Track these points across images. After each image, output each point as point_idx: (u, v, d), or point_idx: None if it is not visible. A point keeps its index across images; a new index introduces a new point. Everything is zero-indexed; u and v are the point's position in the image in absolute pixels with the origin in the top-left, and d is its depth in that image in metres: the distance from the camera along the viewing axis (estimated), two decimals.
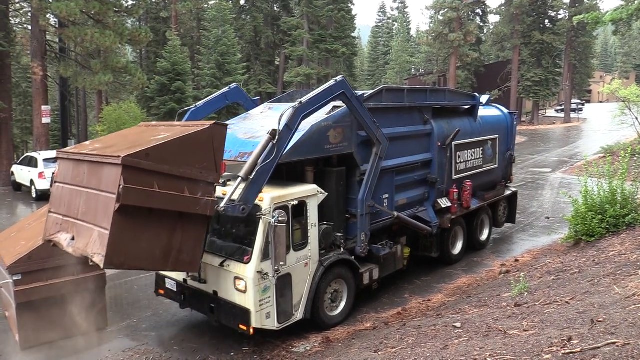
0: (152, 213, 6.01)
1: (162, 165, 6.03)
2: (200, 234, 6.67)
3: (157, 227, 6.14)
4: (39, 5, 21.60)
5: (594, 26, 24.15)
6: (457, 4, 46.37)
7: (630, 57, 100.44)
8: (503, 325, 5.69)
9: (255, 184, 6.93)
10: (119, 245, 5.78)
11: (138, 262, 6.11)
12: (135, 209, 5.82)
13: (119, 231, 5.76)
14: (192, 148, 6.41)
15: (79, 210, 6.43)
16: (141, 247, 6.02)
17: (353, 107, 8.31)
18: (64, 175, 7.01)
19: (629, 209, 10.24)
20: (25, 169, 20.26)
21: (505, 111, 13.97)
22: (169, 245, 6.28)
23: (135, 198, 5.78)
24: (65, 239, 6.53)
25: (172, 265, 6.45)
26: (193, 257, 6.64)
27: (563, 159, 28.23)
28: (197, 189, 6.36)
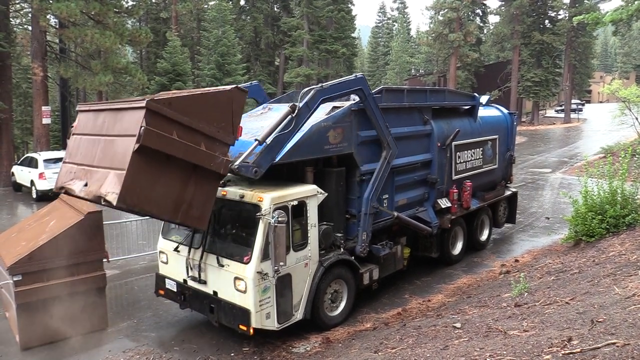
0: (168, 161, 6.12)
1: (183, 116, 6.18)
2: (211, 192, 6.77)
3: (172, 175, 6.24)
4: (39, 6, 21.61)
5: (593, 26, 24.16)
6: (457, 4, 46.38)
7: (630, 58, 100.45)
8: (503, 326, 5.70)
9: (270, 151, 7.15)
10: (133, 185, 5.85)
11: (150, 206, 6.14)
12: (153, 153, 5.93)
13: (135, 172, 5.84)
14: (212, 106, 6.60)
15: (95, 157, 6.48)
16: (154, 192, 6.09)
17: (368, 105, 8.51)
18: (83, 126, 7.09)
19: (629, 209, 10.24)
20: (26, 169, 20.26)
21: (505, 111, 13.98)
22: (181, 196, 6.36)
23: (155, 141, 5.89)
24: (78, 186, 6.56)
25: (181, 216, 6.47)
26: (203, 212, 6.69)
27: (563, 159, 28.23)
28: (213, 146, 6.51)
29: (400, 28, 76.54)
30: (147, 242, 12.08)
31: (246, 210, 7.53)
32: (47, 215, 9.02)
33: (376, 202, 8.80)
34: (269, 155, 7.19)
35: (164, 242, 8.59)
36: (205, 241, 7.80)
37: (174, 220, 6.65)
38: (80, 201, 9.02)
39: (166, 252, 8.49)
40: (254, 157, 7.04)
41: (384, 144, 8.95)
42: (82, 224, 8.01)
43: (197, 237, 7.98)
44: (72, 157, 7.06)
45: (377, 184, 8.80)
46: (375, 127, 8.76)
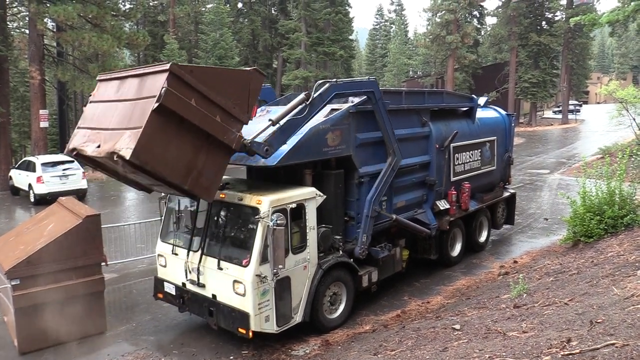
0: (184, 126, 6.23)
1: (202, 86, 6.33)
2: (221, 164, 6.85)
3: (186, 141, 6.33)
4: (36, 10, 21.61)
5: (590, 28, 24.19)
6: (454, 6, 46.48)
7: (627, 58, 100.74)
8: (502, 327, 5.70)
9: (282, 133, 7.29)
10: (149, 143, 5.94)
11: (162, 166, 6.19)
12: (170, 115, 6.05)
13: (152, 130, 5.94)
14: (230, 82, 6.77)
15: (112, 121, 6.56)
16: (168, 153, 6.18)
17: (378, 109, 8.67)
18: (101, 94, 7.23)
19: (627, 209, 10.26)
20: (24, 173, 20.23)
21: (503, 113, 13.99)
22: (193, 162, 6.45)
23: (174, 103, 6.02)
24: (91, 147, 6.62)
25: (190, 183, 6.49)
26: (211, 183, 6.77)
27: (561, 160, 28.27)
28: (228, 121, 6.64)
29: (398, 30, 76.66)
30: (146, 246, 12.06)
31: (245, 213, 7.54)
32: (45, 218, 9.00)
33: (378, 206, 8.83)
34: (281, 137, 7.33)
35: (163, 245, 8.58)
36: (204, 244, 7.79)
37: (182, 186, 6.52)
38: (78, 205, 9.05)
39: (165, 256, 8.48)
40: (267, 136, 7.16)
41: (389, 149, 9.06)
42: (81, 227, 7.99)
43: (195, 240, 7.98)
44: (87, 123, 7.14)
45: (381, 188, 8.87)
46: (382, 132, 8.91)
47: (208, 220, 7.88)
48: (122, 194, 23.45)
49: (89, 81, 23.64)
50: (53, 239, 7.80)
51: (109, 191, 23.63)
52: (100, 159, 6.68)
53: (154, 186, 7.29)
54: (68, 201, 9.41)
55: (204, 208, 8.02)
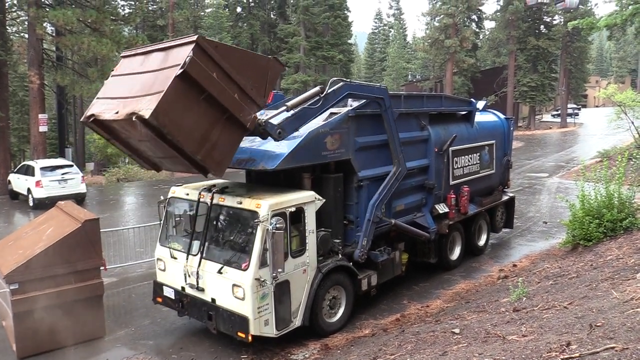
0: (204, 98, 6.41)
1: (225, 62, 6.52)
2: (234, 142, 6.98)
3: (204, 112, 6.48)
4: (35, 14, 21.64)
5: (588, 31, 24.32)
6: (452, 10, 46.60)
7: (625, 62, 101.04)
8: (502, 331, 5.69)
9: (295, 119, 7.49)
10: (169, 107, 6.08)
11: (178, 132, 6.26)
12: (192, 84, 6.23)
13: (173, 95, 6.09)
14: (251, 65, 6.97)
15: (133, 90, 6.67)
16: (185, 120, 6.32)
17: (386, 117, 8.88)
18: (124, 68, 7.39)
19: (626, 213, 10.26)
20: (22, 177, 20.21)
21: (502, 116, 14.02)
22: (208, 134, 6.58)
23: (197, 72, 6.20)
24: (109, 113, 6.70)
25: (203, 154, 6.58)
26: (223, 159, 6.87)
27: (560, 164, 28.31)
28: (245, 101, 6.82)
29: (397, 34, 76.90)
30: (145, 250, 12.04)
31: (244, 217, 7.54)
32: (44, 223, 8.98)
33: (379, 212, 8.87)
34: (293, 123, 7.49)
35: (162, 249, 8.57)
36: (203, 248, 7.78)
37: (195, 156, 6.54)
38: (77, 209, 9.05)
39: (164, 260, 8.46)
40: (281, 120, 7.31)
41: (395, 159, 9.18)
42: (79, 231, 7.98)
43: (194, 244, 7.97)
44: (107, 93, 7.24)
45: (384, 195, 8.96)
46: (389, 141, 9.08)
47: (207, 224, 7.87)
48: (121, 198, 23.47)
49: (88, 85, 23.68)
50: (52, 243, 7.79)
51: (108, 195, 23.63)
52: (117, 124, 6.71)
53: (165, 160, 7.24)
54: (67, 205, 9.40)
55: (203, 212, 8.02)
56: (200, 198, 8.02)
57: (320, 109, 7.88)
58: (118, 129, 6.95)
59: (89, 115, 7.02)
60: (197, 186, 8.48)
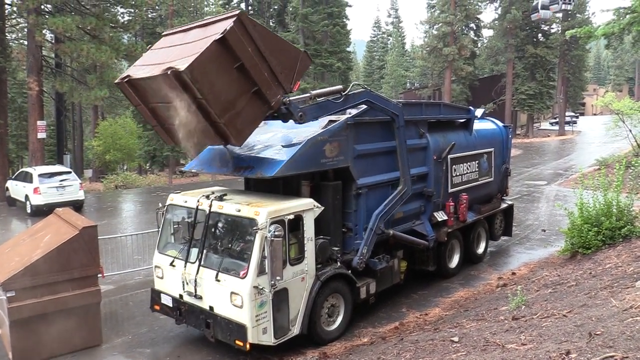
0: (237, 69, 6.78)
1: (261, 42, 6.91)
2: (257, 116, 7.29)
3: (234, 81, 6.83)
4: (35, 21, 21.70)
5: (586, 40, 24.37)
6: (451, 18, 46.85)
7: (622, 70, 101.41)
8: (501, 339, 5.67)
9: (318, 107, 7.88)
10: (204, 66, 6.43)
11: (208, 91, 6.55)
12: (228, 52, 6.63)
13: (209, 56, 6.47)
14: (284, 51, 7.35)
15: (171, 56, 7.00)
16: (217, 82, 6.67)
17: (399, 135, 9.22)
18: (163, 43, 7.83)
19: (624, 221, 10.26)
20: (20, 184, 20.18)
21: (500, 124, 14.05)
22: (234, 102, 6.87)
23: (235, 41, 6.62)
24: (144, 71, 7.08)
25: (227, 119, 6.84)
26: (244, 129, 7.13)
27: (558, 172, 28.34)
28: (273, 82, 7.16)
29: (395, 42, 77.21)
30: (143, 257, 12.01)
31: (243, 225, 7.52)
32: (42, 230, 8.96)
33: (382, 224, 8.95)
34: (315, 111, 7.84)
35: (160, 256, 8.54)
36: (201, 256, 7.76)
37: (219, 119, 6.77)
38: (75, 216, 9.03)
39: (162, 267, 8.44)
40: (304, 105, 7.62)
41: (401, 178, 9.37)
42: (77, 239, 7.96)
43: (193, 252, 7.94)
44: (144, 62, 7.59)
45: (388, 209, 9.09)
46: (399, 158, 9.33)
47: (205, 232, 7.85)
48: (119, 205, 23.43)
49: (87, 92, 23.73)
50: (49, 250, 7.76)
51: (106, 202, 23.60)
52: (151, 83, 6.97)
53: (188, 128, 7.23)
54: (65, 212, 9.38)
55: (201, 219, 8.01)
56: (199, 205, 8.01)
57: (341, 105, 8.20)
58: (149, 92, 7.24)
59: (124, 76, 7.38)
60: (196, 193, 8.48)
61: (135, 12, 32.60)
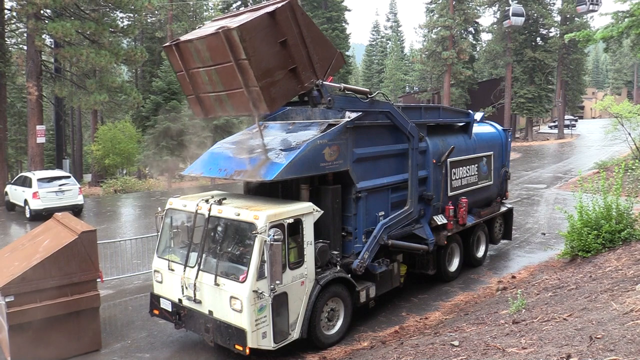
0: (280, 43, 7.32)
1: (305, 29, 7.57)
2: (289, 92, 7.70)
3: (276, 53, 7.32)
4: (34, 26, 21.74)
5: (585, 44, 24.40)
6: (449, 22, 46.96)
7: (621, 74, 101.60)
8: (501, 343, 5.65)
9: (346, 101, 8.40)
10: (253, 29, 7.03)
11: (252, 51, 7.03)
12: (275, 26, 7.24)
13: (258, 24, 7.11)
14: (323, 45, 7.96)
15: (221, 23, 7.54)
16: (261, 48, 7.15)
17: (412, 156, 9.58)
18: (211, 24, 8.39)
19: (624, 224, 10.26)
20: (20, 188, 20.16)
21: (500, 128, 14.05)
22: (272, 71, 7.32)
23: (283, 19, 7.28)
24: (196, 34, 7.69)
25: (264, 84, 7.21)
26: (276, 100, 7.49)
27: (557, 175, 28.35)
28: (309, 66, 7.71)
29: (394, 46, 77.34)
30: (142, 262, 11.99)
31: (242, 229, 7.51)
32: (41, 234, 8.94)
33: (386, 236, 9.09)
34: (343, 102, 8.37)
35: (159, 261, 8.53)
36: (201, 260, 7.74)
37: (256, 83, 7.11)
38: (74, 221, 9.02)
39: (161, 271, 8.42)
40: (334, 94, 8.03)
41: (409, 199, 9.66)
42: (76, 243, 7.94)
43: (192, 256, 7.93)
44: (191, 34, 8.14)
45: (394, 223, 9.31)
46: (409, 178, 9.63)
47: (205, 236, 7.84)
48: (118, 209, 23.41)
49: (86, 97, 23.73)
50: (48, 255, 7.74)
51: (105, 207, 23.57)
52: (199, 44, 7.49)
53: (221, 97, 7.81)
54: (64, 217, 9.36)
55: (200, 223, 7.99)
56: (198, 209, 7.99)
57: (366, 106, 8.65)
58: (194, 56, 7.72)
59: (174, 40, 7.98)
60: (195, 197, 8.46)
61: (135, 16, 32.69)
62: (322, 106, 8.11)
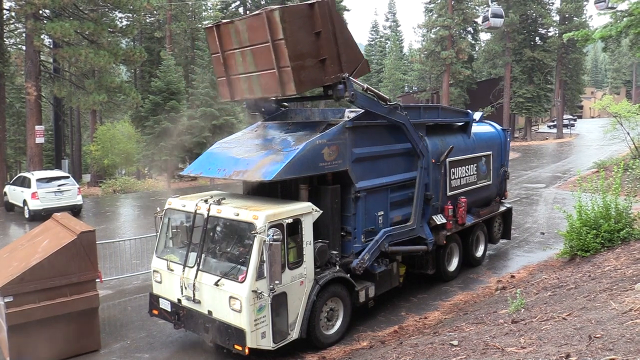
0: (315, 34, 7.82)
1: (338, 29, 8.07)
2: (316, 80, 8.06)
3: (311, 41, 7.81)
4: (33, 26, 21.72)
5: (583, 43, 24.43)
6: (448, 22, 46.95)
7: (620, 73, 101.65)
8: (500, 343, 5.65)
9: (365, 99, 8.55)
10: (293, 14, 7.62)
11: (289, 33, 7.49)
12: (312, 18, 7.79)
13: (298, 11, 7.72)
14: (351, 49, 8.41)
15: None
16: (298, 33, 7.63)
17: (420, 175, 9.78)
18: None
19: (623, 223, 10.26)
20: (18, 189, 20.14)
21: (499, 127, 14.06)
22: (305, 56, 7.72)
23: (320, 12, 7.79)
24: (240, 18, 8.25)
25: (295, 66, 7.60)
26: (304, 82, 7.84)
27: (556, 175, 28.37)
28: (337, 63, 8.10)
29: (393, 46, 77.25)
30: (141, 262, 11.98)
31: (241, 229, 7.50)
32: (40, 235, 8.94)
33: (387, 244, 9.17)
34: (364, 100, 8.52)
35: (158, 261, 8.52)
36: (200, 260, 7.73)
37: (289, 63, 7.52)
38: (73, 221, 9.01)
39: (160, 272, 8.41)
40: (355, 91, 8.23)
41: (413, 215, 9.81)
42: (75, 243, 7.94)
43: (191, 256, 7.92)
44: None
45: (396, 234, 9.39)
46: (415, 197, 9.78)
47: (204, 236, 7.83)
48: (118, 209, 23.39)
49: (85, 97, 23.72)
50: (47, 255, 7.74)
51: (104, 207, 23.56)
52: (240, 25, 8.04)
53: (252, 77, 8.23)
54: (63, 217, 9.36)
55: (199, 223, 7.99)
56: (197, 209, 7.99)
57: (383, 111, 8.83)
58: (234, 36, 8.24)
59: (217, 22, 8.51)
60: (194, 198, 8.46)
61: (134, 16, 32.66)
62: (345, 99, 8.27)
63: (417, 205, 9.80)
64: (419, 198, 9.78)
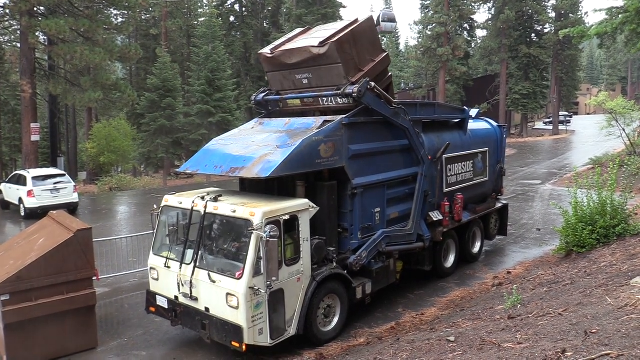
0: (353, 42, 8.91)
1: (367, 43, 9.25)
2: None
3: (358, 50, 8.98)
4: (28, 23, 21.61)
5: (579, 40, 24.48)
6: (444, 19, 46.96)
7: (615, 70, 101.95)
8: (497, 339, 5.67)
9: (372, 97, 8.73)
10: (344, 41, 8.64)
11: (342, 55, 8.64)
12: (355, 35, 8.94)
13: (348, 36, 8.80)
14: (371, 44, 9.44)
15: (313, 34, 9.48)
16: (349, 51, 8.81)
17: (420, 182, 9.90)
18: None
19: (618, 219, 10.31)
20: (14, 187, 20.05)
21: (495, 124, 14.09)
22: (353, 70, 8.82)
23: (362, 30, 9.12)
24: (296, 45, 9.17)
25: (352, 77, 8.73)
26: None
27: (552, 171, 28.45)
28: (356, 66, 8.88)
29: (389, 43, 77.20)
30: (138, 259, 11.96)
31: (238, 226, 7.50)
32: (36, 233, 8.91)
33: (384, 244, 9.24)
34: (372, 98, 8.72)
35: (155, 258, 8.51)
36: (197, 257, 7.73)
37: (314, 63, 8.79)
38: (69, 219, 8.99)
39: (157, 269, 8.41)
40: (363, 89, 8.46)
41: (411, 221, 9.86)
42: (72, 241, 7.92)
43: (188, 253, 7.92)
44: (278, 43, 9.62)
45: (394, 237, 9.47)
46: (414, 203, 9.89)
47: (201, 233, 7.83)
48: (114, 207, 23.35)
49: (80, 94, 23.64)
50: (44, 253, 7.72)
51: (101, 204, 23.51)
52: (297, 54, 8.95)
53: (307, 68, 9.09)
54: (59, 215, 9.33)
55: (196, 220, 7.98)
56: (194, 207, 7.98)
57: (388, 113, 9.07)
58: (285, 61, 9.16)
59: (273, 48, 9.39)
60: (191, 195, 8.45)
61: (129, 14, 32.56)
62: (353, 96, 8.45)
63: (416, 211, 9.85)
64: (418, 204, 9.81)
